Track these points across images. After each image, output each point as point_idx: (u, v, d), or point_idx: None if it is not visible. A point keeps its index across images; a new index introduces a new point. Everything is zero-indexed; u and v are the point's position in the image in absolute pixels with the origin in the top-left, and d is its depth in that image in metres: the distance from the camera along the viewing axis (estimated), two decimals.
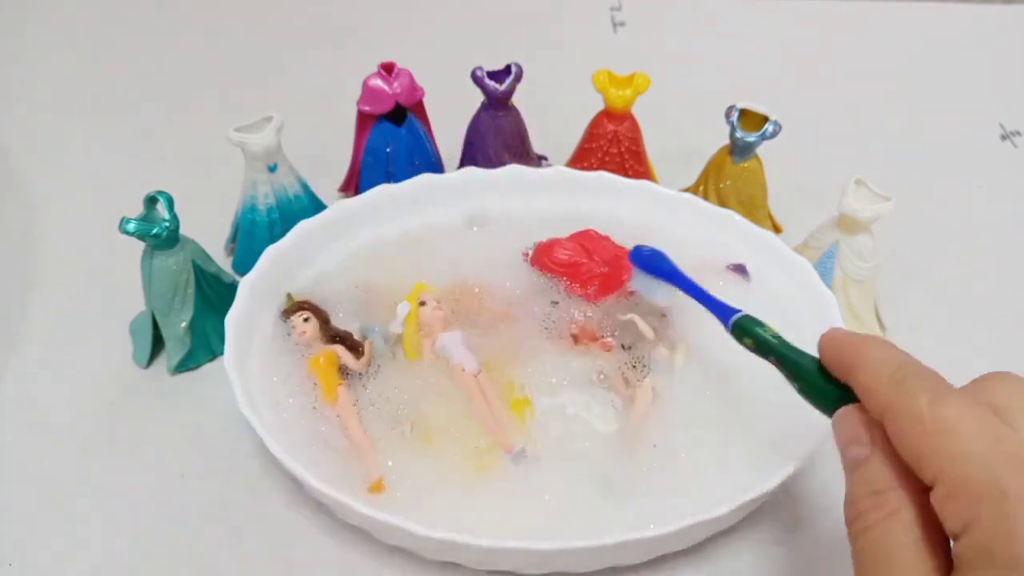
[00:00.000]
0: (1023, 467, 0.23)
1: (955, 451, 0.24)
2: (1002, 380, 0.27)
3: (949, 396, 0.26)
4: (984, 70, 0.73)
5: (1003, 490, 0.22)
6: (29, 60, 0.71)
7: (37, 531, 0.39)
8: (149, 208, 0.43)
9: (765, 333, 0.34)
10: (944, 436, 0.24)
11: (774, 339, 0.33)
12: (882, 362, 0.28)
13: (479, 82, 0.51)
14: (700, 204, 0.49)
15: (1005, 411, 0.25)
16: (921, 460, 0.25)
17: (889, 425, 0.26)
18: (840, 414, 0.29)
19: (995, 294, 0.52)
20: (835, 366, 0.30)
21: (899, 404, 0.26)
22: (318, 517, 0.39)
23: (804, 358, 0.32)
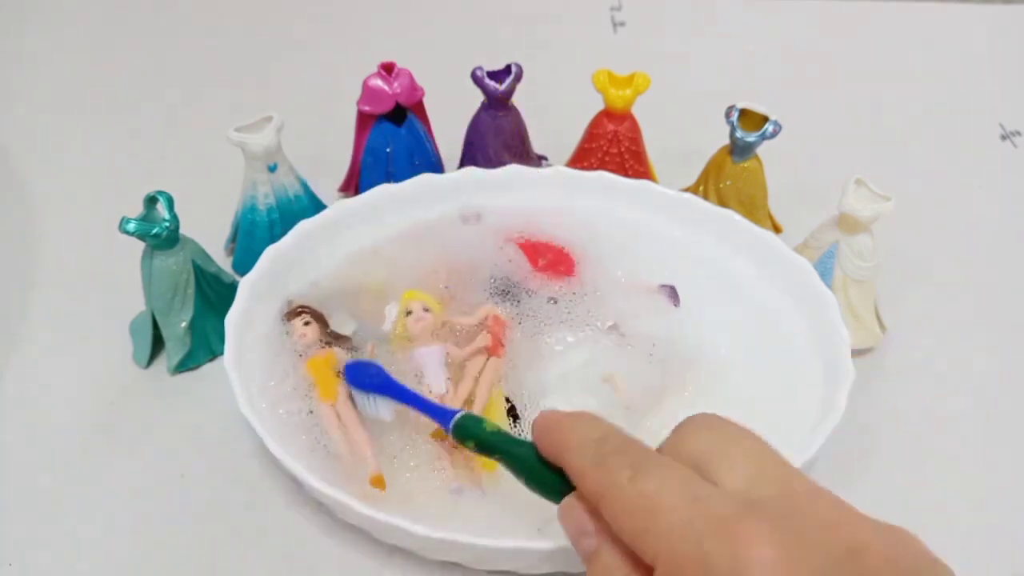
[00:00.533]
0: (724, 530, 0.23)
1: (661, 528, 0.24)
2: (699, 427, 0.27)
3: (648, 468, 0.25)
4: (984, 70, 0.73)
5: (709, 564, 0.22)
6: (29, 60, 0.71)
7: (37, 531, 0.39)
8: (149, 208, 0.43)
9: (483, 430, 0.32)
10: (649, 514, 0.24)
11: (494, 434, 0.32)
12: (585, 441, 0.27)
13: (479, 82, 0.51)
14: (700, 204, 0.49)
15: (706, 459, 0.25)
16: (636, 543, 0.24)
17: (602, 508, 0.26)
18: (563, 506, 0.28)
19: (995, 294, 0.52)
20: (548, 452, 0.29)
21: (604, 485, 0.26)
22: (318, 517, 0.39)
23: (524, 448, 0.30)
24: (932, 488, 0.42)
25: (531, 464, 0.30)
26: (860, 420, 0.43)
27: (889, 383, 0.46)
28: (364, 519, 0.34)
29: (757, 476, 0.25)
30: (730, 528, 0.23)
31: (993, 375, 0.47)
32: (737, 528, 0.23)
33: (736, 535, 0.22)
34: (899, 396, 0.46)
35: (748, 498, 0.24)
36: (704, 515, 0.23)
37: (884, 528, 0.24)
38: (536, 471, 0.29)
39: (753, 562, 0.22)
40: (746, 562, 0.22)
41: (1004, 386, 0.47)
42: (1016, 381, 0.47)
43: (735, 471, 0.25)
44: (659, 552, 0.24)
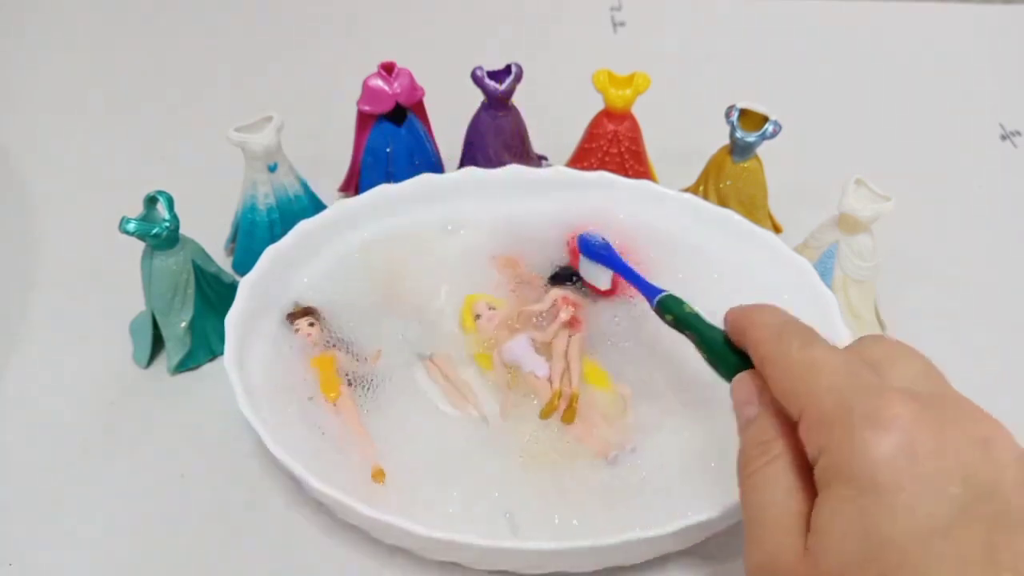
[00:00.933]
0: (873, 393, 0.25)
1: (816, 386, 0.26)
2: (876, 340, 0.29)
3: (817, 342, 0.28)
4: (984, 70, 0.73)
5: (850, 412, 0.24)
6: (29, 60, 0.71)
7: (37, 531, 0.39)
8: (149, 208, 0.43)
9: (684, 310, 0.36)
10: (808, 374, 0.27)
11: (691, 315, 0.36)
12: (768, 321, 0.30)
13: (479, 82, 0.51)
14: (700, 204, 0.49)
15: (876, 363, 0.27)
16: (789, 398, 0.27)
17: (767, 372, 0.29)
18: (737, 379, 0.31)
19: (995, 294, 0.52)
20: (734, 331, 0.32)
21: (775, 351, 0.28)
22: (318, 517, 0.39)
23: (714, 331, 0.34)
24: None
25: (717, 343, 0.33)
26: None
27: None
28: (364, 519, 0.34)
29: (917, 377, 0.27)
30: (879, 393, 0.25)
31: (993, 375, 0.47)
32: (884, 393, 0.25)
33: (880, 396, 0.24)
34: None
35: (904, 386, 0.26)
36: (858, 382, 0.26)
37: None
38: (720, 348, 0.33)
39: (890, 416, 0.24)
40: (885, 416, 0.24)
41: (1004, 386, 0.47)
42: (1016, 381, 0.47)
43: (899, 371, 0.27)
44: (807, 405, 0.26)
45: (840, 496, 0.24)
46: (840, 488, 0.24)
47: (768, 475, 0.27)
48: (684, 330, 0.36)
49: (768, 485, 0.27)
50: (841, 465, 0.24)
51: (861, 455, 0.23)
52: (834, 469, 0.24)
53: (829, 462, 0.24)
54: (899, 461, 0.23)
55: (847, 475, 0.24)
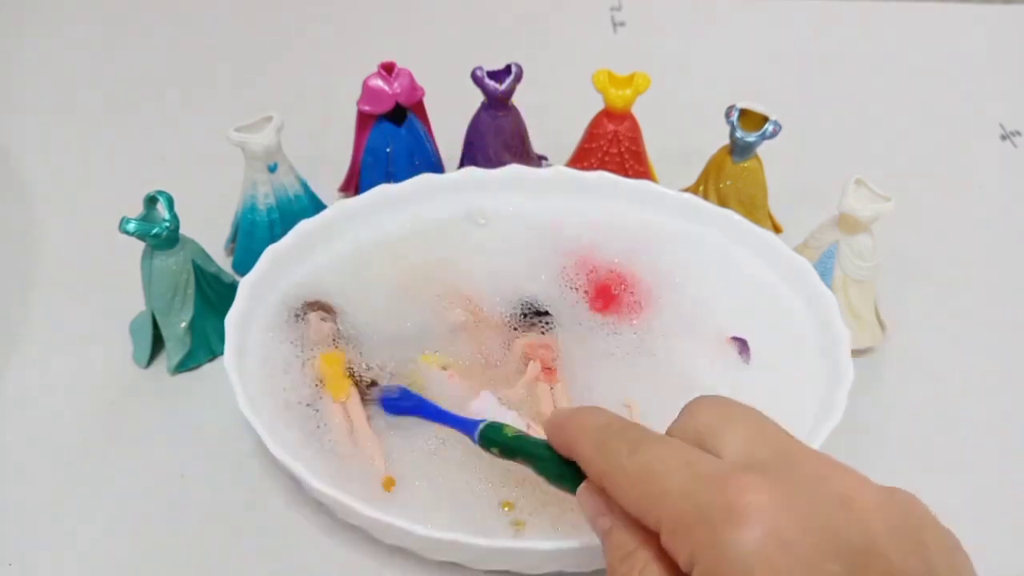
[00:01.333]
0: (718, 485, 0.24)
1: (659, 491, 0.25)
2: (703, 405, 0.28)
3: (645, 443, 0.27)
4: (984, 70, 0.73)
5: (705, 513, 0.23)
6: (29, 60, 0.71)
7: (37, 531, 0.39)
8: (149, 208, 0.43)
9: (505, 437, 0.34)
10: (647, 481, 0.25)
11: (514, 439, 0.33)
12: (590, 430, 0.29)
13: (479, 82, 0.51)
14: (700, 204, 0.49)
15: (708, 433, 0.27)
16: (640, 510, 0.26)
17: (607, 488, 0.27)
18: (580, 491, 0.29)
19: (995, 294, 0.52)
20: (559, 445, 0.30)
21: (606, 465, 0.27)
22: (318, 517, 0.39)
23: (542, 448, 0.32)
24: (932, 488, 0.41)
25: (550, 461, 0.31)
26: (860, 420, 0.43)
27: (889, 383, 0.46)
28: (364, 519, 0.34)
29: (754, 442, 0.26)
30: (724, 481, 0.24)
31: (993, 375, 0.47)
32: (730, 481, 0.24)
33: (729, 486, 0.23)
34: (899, 396, 0.46)
35: (744, 461, 0.25)
36: (699, 475, 0.24)
37: (881, 486, 0.25)
38: (555, 467, 0.31)
39: (746, 505, 0.23)
40: (741, 508, 0.23)
41: (1004, 386, 0.47)
42: (1016, 381, 0.47)
43: (734, 441, 0.26)
44: (660, 516, 0.25)
45: None
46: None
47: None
48: (514, 458, 0.33)
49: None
50: (717, 572, 0.23)
51: (732, 558, 0.22)
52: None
53: (705, 570, 0.23)
54: (770, 552, 0.22)
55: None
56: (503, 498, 0.37)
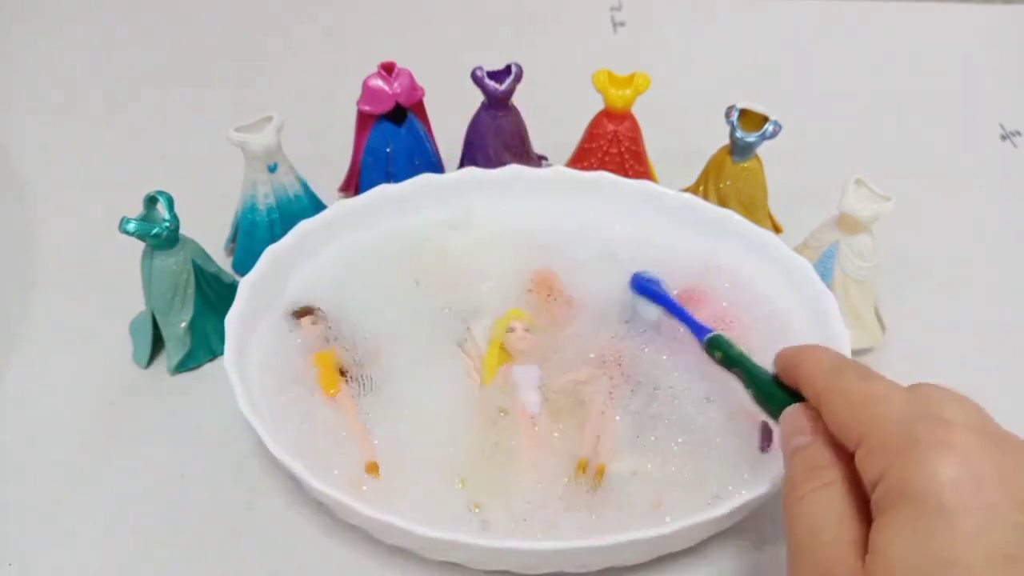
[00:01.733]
0: (937, 423, 0.25)
1: (877, 415, 0.27)
2: (931, 385, 0.29)
3: (876, 376, 0.29)
4: (984, 70, 0.73)
5: (915, 438, 0.25)
6: (29, 60, 0.71)
7: (37, 531, 0.39)
8: (149, 208, 0.43)
9: (733, 350, 0.37)
10: (868, 405, 0.27)
11: (738, 354, 0.37)
12: (822, 358, 0.31)
13: (479, 82, 0.51)
14: (700, 204, 0.49)
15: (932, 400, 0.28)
16: (848, 428, 0.27)
17: (825, 404, 0.29)
18: (787, 411, 0.31)
19: (995, 294, 0.52)
20: (785, 368, 0.33)
21: (833, 384, 0.29)
22: (318, 517, 0.39)
23: (761, 370, 0.35)
24: None
25: (766, 380, 0.34)
26: None
27: None
28: (364, 519, 0.34)
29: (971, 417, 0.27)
30: (943, 423, 0.25)
31: (993, 375, 0.47)
32: (949, 424, 0.25)
33: (947, 427, 0.25)
34: None
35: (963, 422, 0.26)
36: (922, 411, 0.26)
37: None
38: (768, 386, 0.34)
39: (958, 444, 0.24)
40: (951, 443, 0.24)
41: (1004, 386, 0.47)
42: (1016, 381, 0.47)
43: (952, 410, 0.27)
44: (866, 434, 0.26)
45: (903, 518, 0.24)
46: (903, 509, 0.24)
47: (819, 499, 0.27)
48: (731, 368, 0.37)
49: (820, 509, 0.27)
50: (905, 487, 0.24)
51: (927, 477, 0.24)
52: (897, 491, 0.24)
53: (891, 484, 0.25)
54: (965, 486, 0.23)
55: (911, 496, 0.24)
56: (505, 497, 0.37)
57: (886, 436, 0.26)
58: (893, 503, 0.24)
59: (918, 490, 0.24)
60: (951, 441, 0.24)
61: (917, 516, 0.23)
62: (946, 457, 0.24)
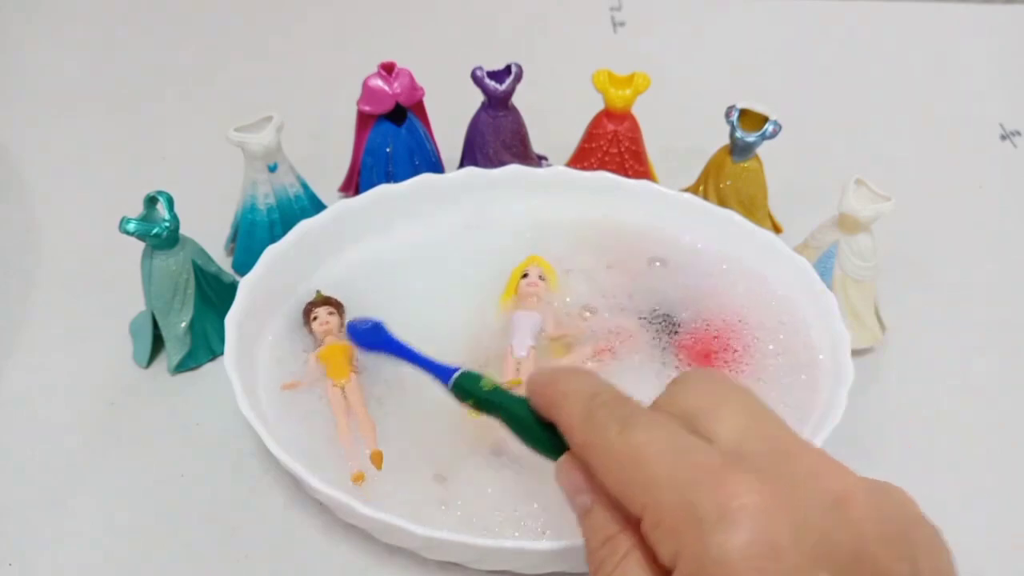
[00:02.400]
0: (710, 479, 0.23)
1: (647, 478, 0.24)
2: (696, 381, 0.27)
3: (637, 422, 0.25)
4: (984, 70, 0.73)
5: (694, 512, 0.22)
6: (29, 60, 0.71)
7: (37, 531, 0.39)
8: (149, 208, 0.43)
9: (481, 389, 0.32)
10: (635, 465, 0.24)
11: (492, 392, 0.32)
12: (576, 397, 0.27)
13: (479, 82, 0.51)
14: (700, 204, 0.49)
15: (699, 413, 0.25)
16: (624, 495, 0.25)
17: (590, 462, 0.26)
18: (559, 464, 0.28)
19: (995, 294, 0.52)
20: (541, 407, 0.29)
21: (592, 440, 0.26)
22: (318, 517, 0.39)
23: (521, 406, 0.30)
24: (932, 488, 0.41)
25: (528, 422, 0.29)
26: (860, 420, 0.43)
27: (889, 383, 0.46)
28: (364, 519, 0.34)
29: (747, 430, 0.25)
30: (716, 477, 0.23)
31: (993, 375, 0.47)
32: (722, 477, 0.23)
33: (721, 484, 0.22)
34: (899, 396, 0.46)
35: (737, 451, 0.24)
36: (690, 466, 0.23)
37: (872, 482, 0.24)
38: (533, 429, 0.29)
39: (738, 509, 0.22)
40: (731, 509, 0.22)
41: (1004, 386, 0.47)
42: (1016, 381, 0.47)
43: (726, 425, 0.25)
44: (646, 503, 0.24)
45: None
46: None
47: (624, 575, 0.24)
48: (489, 413, 0.32)
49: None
50: (703, 572, 0.22)
51: (718, 562, 0.21)
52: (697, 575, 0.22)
53: (689, 569, 0.22)
54: (759, 559, 0.21)
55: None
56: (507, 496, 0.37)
57: (665, 511, 0.23)
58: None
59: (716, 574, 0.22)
60: (733, 510, 0.22)
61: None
62: (731, 532, 0.22)
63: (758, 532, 0.22)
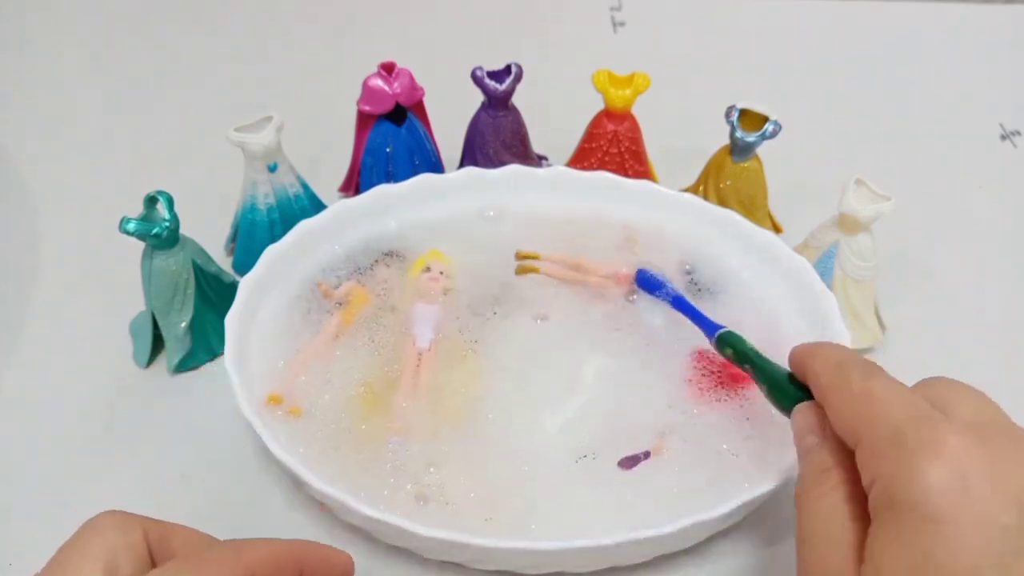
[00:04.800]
0: (927, 423, 0.25)
1: (872, 416, 0.27)
2: (941, 381, 0.29)
3: (878, 375, 0.29)
4: (984, 70, 0.73)
5: (904, 441, 0.25)
6: (29, 60, 0.71)
7: (37, 531, 0.39)
8: (149, 208, 0.43)
9: (743, 345, 0.38)
10: (866, 405, 0.27)
11: (751, 351, 0.37)
12: (829, 354, 0.31)
13: (479, 82, 0.51)
14: (700, 204, 0.49)
15: (938, 399, 0.27)
16: (847, 428, 0.28)
17: (828, 403, 0.29)
18: (798, 408, 0.32)
19: (995, 294, 0.52)
20: (795, 364, 0.33)
21: (835, 382, 0.29)
22: (318, 517, 0.39)
23: (773, 366, 0.35)
24: None
25: (777, 376, 0.34)
26: None
27: None
28: (364, 519, 0.34)
29: (978, 413, 0.27)
30: (933, 423, 0.25)
31: (993, 375, 0.47)
32: (939, 424, 0.25)
33: (936, 427, 0.25)
34: None
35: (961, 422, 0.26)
36: (915, 413, 0.26)
37: None
38: (780, 381, 0.34)
39: (941, 444, 0.24)
40: (939, 445, 0.24)
41: (1004, 386, 0.46)
42: (1016, 381, 0.47)
43: (959, 407, 0.27)
44: (863, 434, 0.26)
45: (892, 526, 0.24)
46: (892, 517, 0.24)
47: (825, 504, 0.27)
48: (742, 364, 0.37)
49: (825, 514, 0.27)
50: (894, 494, 0.24)
51: (913, 484, 0.23)
52: (887, 497, 0.24)
53: (882, 490, 0.25)
54: (952, 491, 0.23)
55: (900, 504, 0.24)
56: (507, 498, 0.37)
57: (878, 439, 0.26)
58: (884, 510, 0.24)
59: (906, 497, 0.24)
60: (939, 443, 0.24)
61: (905, 524, 0.23)
62: (933, 461, 0.24)
63: (958, 468, 0.23)
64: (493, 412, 0.40)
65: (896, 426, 0.25)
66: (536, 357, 0.43)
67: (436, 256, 0.47)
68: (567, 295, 0.46)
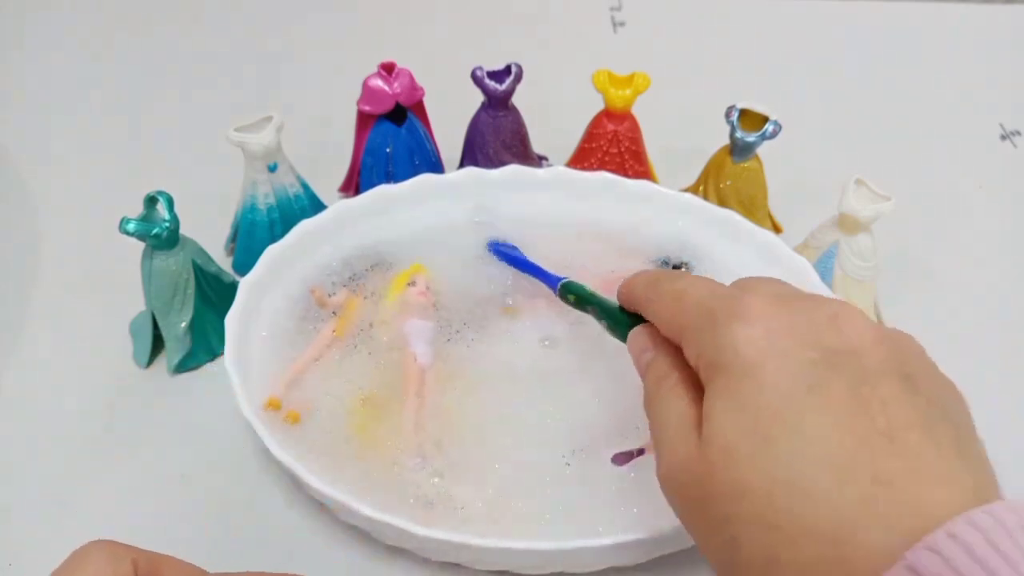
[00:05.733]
0: (730, 298, 0.28)
1: (688, 306, 0.30)
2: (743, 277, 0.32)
3: (685, 276, 0.33)
4: (984, 70, 0.73)
5: (714, 316, 0.28)
6: (29, 60, 0.71)
7: (37, 531, 0.39)
8: (149, 208, 0.43)
9: (583, 291, 0.40)
10: (680, 300, 0.30)
11: (590, 293, 0.40)
12: (645, 276, 0.34)
13: (479, 82, 0.51)
14: (700, 204, 0.49)
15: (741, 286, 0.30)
16: (670, 327, 0.30)
17: (651, 313, 0.32)
18: (632, 333, 0.34)
19: (995, 294, 0.52)
20: (622, 296, 0.36)
21: (651, 292, 0.32)
22: (318, 517, 0.39)
23: (610, 302, 0.38)
24: None
25: (614, 310, 0.37)
26: None
27: None
28: (364, 519, 0.34)
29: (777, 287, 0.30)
30: (735, 297, 0.28)
31: (993, 375, 0.47)
32: (742, 296, 0.28)
33: (739, 299, 0.28)
34: None
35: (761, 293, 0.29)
36: (719, 293, 0.29)
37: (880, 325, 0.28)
38: (616, 314, 0.36)
39: (745, 309, 0.27)
40: (742, 310, 0.27)
41: (1004, 386, 0.47)
42: (1016, 381, 0.47)
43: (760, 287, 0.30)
44: (684, 325, 0.29)
45: (719, 385, 0.26)
46: (718, 378, 0.26)
47: (666, 398, 0.29)
48: (585, 307, 0.40)
49: (666, 405, 0.29)
50: (716, 359, 0.27)
51: (727, 346, 0.26)
52: (711, 365, 0.27)
53: (706, 361, 0.27)
54: (759, 340, 0.26)
55: (720, 366, 0.26)
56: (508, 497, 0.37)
57: (694, 323, 0.29)
58: (711, 376, 0.27)
59: (724, 358, 0.26)
60: (742, 309, 0.27)
61: (728, 379, 0.26)
62: (739, 323, 0.27)
63: (760, 324, 0.26)
64: (494, 421, 0.40)
65: (707, 306, 0.28)
66: (536, 360, 0.43)
67: (419, 270, 0.46)
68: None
